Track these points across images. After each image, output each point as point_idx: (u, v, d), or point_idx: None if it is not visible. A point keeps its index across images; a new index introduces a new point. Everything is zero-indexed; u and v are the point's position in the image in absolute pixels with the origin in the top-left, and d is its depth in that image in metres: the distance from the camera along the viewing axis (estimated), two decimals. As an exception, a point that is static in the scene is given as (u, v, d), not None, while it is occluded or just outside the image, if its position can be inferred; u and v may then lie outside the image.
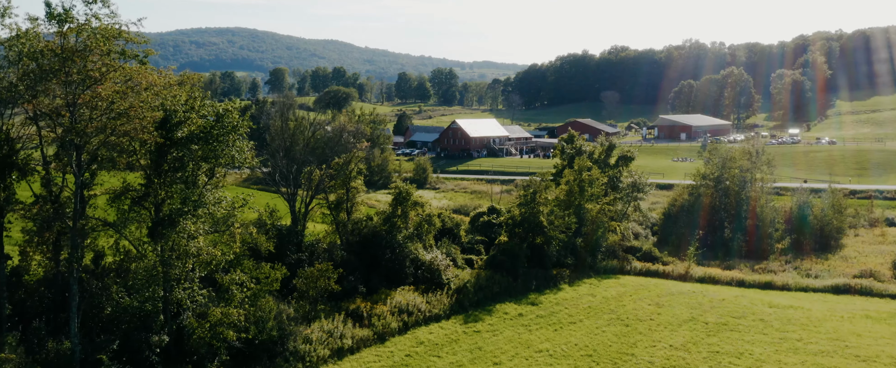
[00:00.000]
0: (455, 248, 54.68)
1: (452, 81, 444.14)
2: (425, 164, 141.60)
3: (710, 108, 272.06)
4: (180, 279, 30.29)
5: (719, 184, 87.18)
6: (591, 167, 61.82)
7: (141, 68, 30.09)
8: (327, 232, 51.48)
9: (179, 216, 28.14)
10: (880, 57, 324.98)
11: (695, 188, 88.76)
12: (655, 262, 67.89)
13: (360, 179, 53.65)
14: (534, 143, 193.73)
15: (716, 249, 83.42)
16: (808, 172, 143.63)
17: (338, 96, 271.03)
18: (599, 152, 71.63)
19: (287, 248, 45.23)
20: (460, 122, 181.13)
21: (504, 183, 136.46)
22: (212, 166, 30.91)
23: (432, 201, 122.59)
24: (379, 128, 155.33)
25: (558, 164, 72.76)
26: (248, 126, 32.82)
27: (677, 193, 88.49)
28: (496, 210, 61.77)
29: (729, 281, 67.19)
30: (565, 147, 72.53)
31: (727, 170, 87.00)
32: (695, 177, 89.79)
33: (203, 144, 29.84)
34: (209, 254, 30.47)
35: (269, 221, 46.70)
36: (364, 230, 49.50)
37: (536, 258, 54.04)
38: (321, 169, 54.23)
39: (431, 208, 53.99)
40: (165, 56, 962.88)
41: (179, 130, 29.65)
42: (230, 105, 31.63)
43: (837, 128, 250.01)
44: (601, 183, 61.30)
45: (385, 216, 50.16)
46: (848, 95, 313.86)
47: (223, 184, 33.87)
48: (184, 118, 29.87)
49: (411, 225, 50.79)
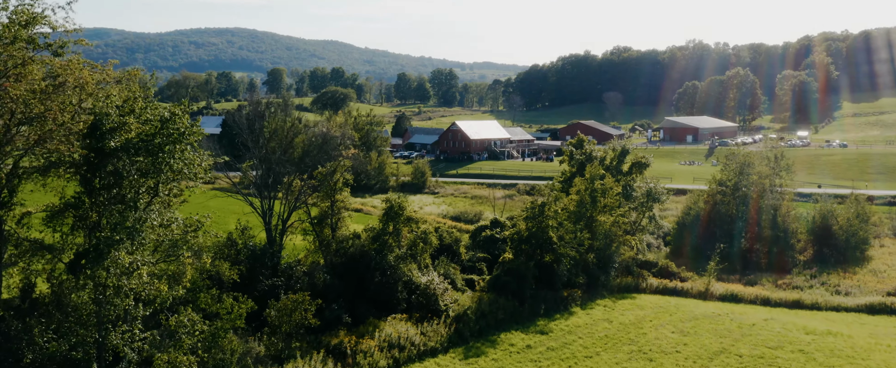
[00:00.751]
0: (454, 268, 48.76)
1: (452, 81, 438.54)
2: (424, 167, 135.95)
3: (714, 109, 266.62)
4: (117, 320, 24.61)
5: (737, 191, 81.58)
6: (603, 175, 56.10)
7: (70, 63, 24.49)
8: (309, 251, 45.60)
9: (109, 247, 22.40)
10: (886, 58, 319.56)
11: (710, 196, 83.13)
12: (672, 278, 62.18)
13: (347, 191, 47.73)
14: (536, 145, 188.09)
15: (733, 261, 77.78)
16: (821, 176, 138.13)
17: (335, 97, 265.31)
18: (611, 158, 65.88)
19: (260, 271, 39.48)
20: (460, 123, 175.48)
21: (505, 187, 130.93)
22: (156, 183, 25.04)
23: (431, 208, 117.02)
24: (376, 130, 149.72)
25: (566, 170, 66.97)
26: (199, 133, 26.97)
27: (691, 200, 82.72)
28: (500, 223, 55.74)
29: (753, 299, 61.56)
30: (574, 152, 66.74)
31: (745, 176, 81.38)
32: (710, 183, 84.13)
33: (145, 155, 24.14)
34: (153, 290, 24.76)
35: (240, 240, 40.87)
36: (350, 249, 43.66)
37: (545, 279, 48.23)
38: (302, 179, 48.34)
39: (428, 224, 47.94)
40: (164, 56, 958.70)
41: (112, 139, 23.85)
42: (177, 108, 25.80)
43: (844, 130, 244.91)
44: (615, 193, 55.59)
45: (374, 234, 44.25)
46: (853, 96, 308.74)
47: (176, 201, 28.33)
48: (118, 124, 24.09)
49: (404, 244, 44.95)
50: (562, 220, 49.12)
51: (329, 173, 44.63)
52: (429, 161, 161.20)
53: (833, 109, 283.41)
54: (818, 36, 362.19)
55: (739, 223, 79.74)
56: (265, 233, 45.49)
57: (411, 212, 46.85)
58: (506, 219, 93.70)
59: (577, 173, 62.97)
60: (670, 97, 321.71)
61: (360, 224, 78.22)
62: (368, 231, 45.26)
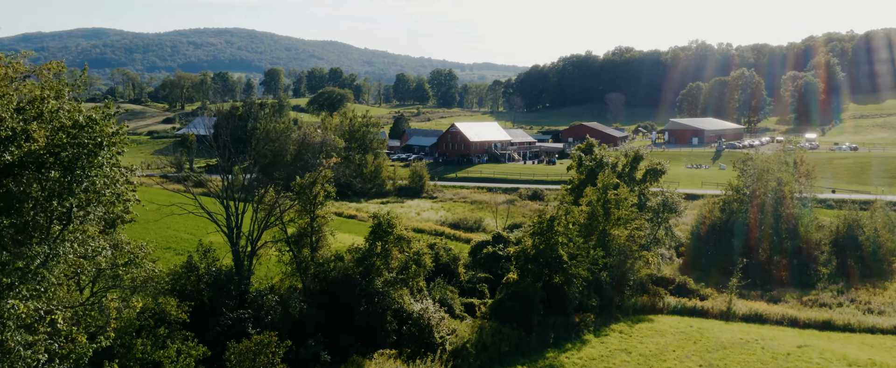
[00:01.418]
0: (452, 291, 43.08)
1: (452, 82, 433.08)
2: (422, 171, 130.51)
3: (717, 110, 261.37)
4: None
5: (754, 199, 76.23)
6: (617, 185, 50.65)
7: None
8: (284, 275, 40.03)
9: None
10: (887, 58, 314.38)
11: (726, 203, 77.73)
12: (691, 296, 56.80)
13: (329, 205, 42.21)
14: (538, 147, 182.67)
15: (752, 274, 72.60)
16: (835, 180, 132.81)
17: (332, 98, 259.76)
18: (624, 164, 60.36)
19: (224, 302, 33.93)
20: (460, 125, 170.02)
21: (507, 192, 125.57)
22: (70, 206, 19.45)
23: (429, 213, 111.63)
24: (372, 131, 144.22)
25: (574, 177, 61.50)
26: (125, 141, 21.41)
27: (706, 209, 77.31)
28: (503, 239, 50.07)
29: (779, 320, 56.21)
30: (583, 158, 61.27)
31: (763, 183, 76.00)
32: (726, 190, 78.73)
33: (58, 171, 18.69)
34: (64, 347, 19.33)
35: (202, 263, 35.24)
36: (332, 272, 38.10)
37: (554, 302, 42.76)
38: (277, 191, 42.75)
39: (421, 243, 42.16)
40: (162, 56, 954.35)
41: (6, 152, 18.25)
42: (98, 110, 20.24)
43: (853, 132, 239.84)
44: (630, 204, 50.14)
45: (360, 255, 38.64)
46: (859, 98, 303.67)
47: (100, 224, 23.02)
48: (15, 132, 18.51)
49: (395, 266, 39.34)
50: (573, 236, 43.68)
51: (309, 184, 39.07)
52: (427, 164, 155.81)
53: (838, 110, 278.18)
54: (822, 36, 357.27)
55: (757, 234, 74.46)
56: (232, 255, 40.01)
57: (404, 227, 41.16)
58: (509, 233, 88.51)
59: (586, 181, 57.53)
60: (672, 98, 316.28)
61: (351, 235, 72.81)
62: (353, 252, 39.62)
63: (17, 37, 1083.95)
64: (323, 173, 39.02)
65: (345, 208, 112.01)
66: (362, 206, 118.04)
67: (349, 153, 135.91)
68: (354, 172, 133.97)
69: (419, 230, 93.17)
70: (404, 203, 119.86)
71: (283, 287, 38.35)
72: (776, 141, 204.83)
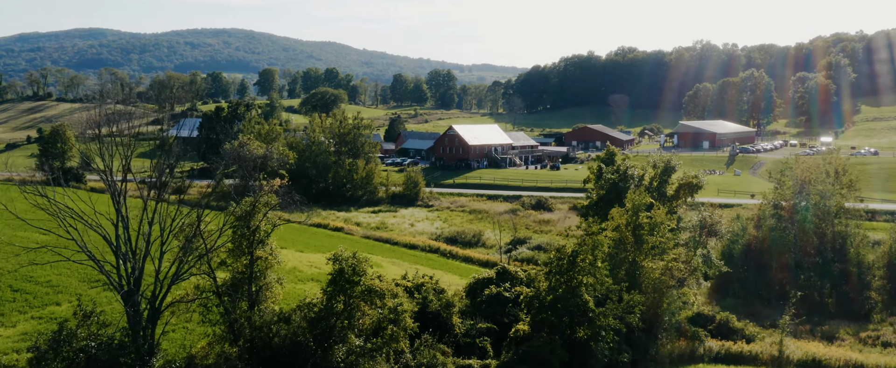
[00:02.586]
0: (445, 353, 32.45)
1: (450, 83, 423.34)
2: (417, 177, 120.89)
3: (725, 113, 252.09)
4: None
5: (795, 214, 66.45)
6: (651, 205, 40.93)
7: None
8: (212, 340, 29.70)
9: None
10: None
11: (761, 219, 67.94)
12: (736, 338, 47.13)
13: (273, 244, 31.53)
14: (540, 151, 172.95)
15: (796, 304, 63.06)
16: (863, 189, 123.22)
17: (325, 98, 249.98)
18: (651, 177, 50.56)
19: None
20: (458, 128, 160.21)
21: (508, 200, 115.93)
22: None
23: (423, 224, 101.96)
24: (364, 134, 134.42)
25: (592, 191, 51.74)
26: None
27: (738, 226, 67.45)
28: (509, 275, 39.61)
29: (842, 367, 46.63)
30: (603, 170, 51.46)
31: (805, 196, 66.23)
32: (761, 205, 68.98)
33: None
34: None
35: (82, 332, 24.97)
36: (275, 339, 28.14)
37: (578, 364, 32.93)
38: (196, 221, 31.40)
39: (399, 298, 31.36)
40: (159, 57, 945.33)
41: None
42: None
43: (866, 136, 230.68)
44: (668, 228, 40.37)
45: (315, 315, 28.42)
46: (870, 99, 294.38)
47: None
48: None
49: (365, 326, 29.26)
50: (601, 275, 33.90)
51: (246, 213, 29.11)
52: (423, 169, 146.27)
53: (853, 112, 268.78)
54: (830, 37, 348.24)
55: (798, 254, 64.72)
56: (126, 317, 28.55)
57: (375, 275, 30.39)
58: (514, 249, 78.75)
59: (607, 198, 47.85)
60: (675, 100, 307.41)
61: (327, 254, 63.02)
62: (305, 308, 29.38)
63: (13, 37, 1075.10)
64: (264, 198, 29.08)
65: (331, 219, 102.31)
66: (351, 215, 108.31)
67: (339, 157, 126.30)
68: (344, 177, 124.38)
69: (412, 245, 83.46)
70: (397, 212, 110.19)
71: (209, 359, 28.16)
72: (790, 145, 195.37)
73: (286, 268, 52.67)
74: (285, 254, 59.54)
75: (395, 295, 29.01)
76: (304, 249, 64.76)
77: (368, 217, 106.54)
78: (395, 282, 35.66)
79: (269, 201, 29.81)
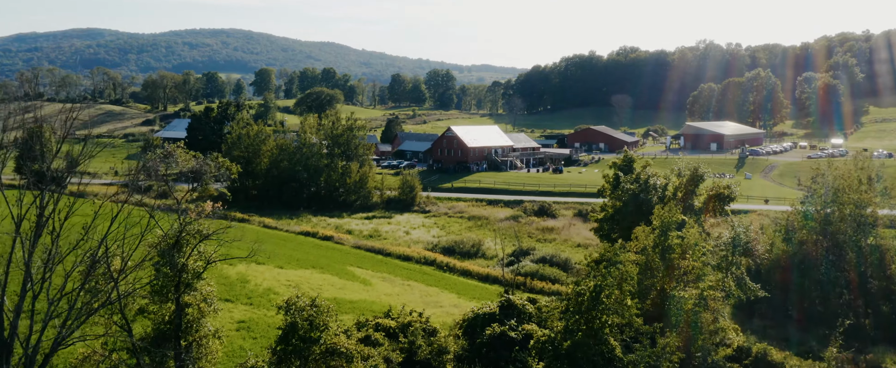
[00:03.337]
0: None
1: (449, 83, 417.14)
2: (413, 181, 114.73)
3: (731, 113, 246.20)
4: None
5: (827, 226, 60.09)
6: (683, 223, 34.68)
7: None
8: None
9: None
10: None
11: (788, 232, 61.55)
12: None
13: (206, 284, 24.40)
14: (542, 154, 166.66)
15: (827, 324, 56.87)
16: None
17: (321, 98, 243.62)
18: (675, 187, 44.21)
19: None
20: (456, 129, 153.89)
21: (509, 205, 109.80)
22: None
23: (419, 232, 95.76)
24: (358, 135, 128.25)
25: (608, 206, 45.40)
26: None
27: (763, 240, 61.07)
28: (515, 310, 32.37)
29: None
30: (621, 179, 45.14)
31: (839, 205, 59.87)
32: (790, 214, 62.59)
33: None
34: None
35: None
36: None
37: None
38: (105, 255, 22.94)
39: (375, 359, 24.50)
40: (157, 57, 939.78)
41: None
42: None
43: (876, 137, 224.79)
44: (701, 251, 34.07)
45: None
46: (878, 100, 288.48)
47: None
48: None
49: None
50: (629, 314, 27.56)
51: (168, 249, 22.22)
52: (420, 172, 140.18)
53: (861, 113, 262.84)
54: (836, 36, 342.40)
55: (833, 271, 58.37)
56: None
57: (337, 330, 22.98)
58: (517, 262, 72.33)
59: (626, 211, 41.55)
60: (676, 100, 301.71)
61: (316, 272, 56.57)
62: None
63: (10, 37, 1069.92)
64: (189, 224, 22.60)
65: (321, 227, 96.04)
66: (344, 222, 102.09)
67: (332, 160, 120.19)
68: (337, 181, 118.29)
69: (406, 257, 77.12)
70: (392, 219, 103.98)
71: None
72: (799, 147, 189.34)
73: (259, 291, 46.41)
74: (262, 272, 53.26)
75: (366, 357, 22.64)
76: (285, 264, 58.42)
77: (361, 224, 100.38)
78: (376, 320, 29.43)
79: (200, 228, 23.29)
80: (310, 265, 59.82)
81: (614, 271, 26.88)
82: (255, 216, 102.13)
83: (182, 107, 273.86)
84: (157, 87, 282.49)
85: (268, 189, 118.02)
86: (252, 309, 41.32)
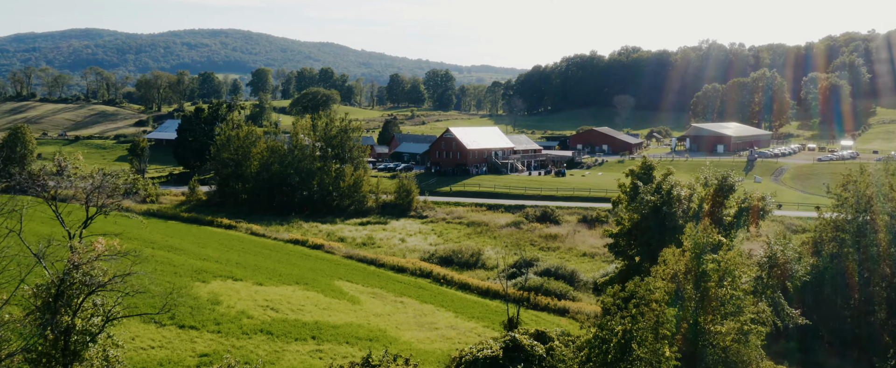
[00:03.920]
0: None
1: (448, 83, 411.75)
2: (410, 184, 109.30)
3: (736, 114, 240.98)
4: None
5: (861, 238, 54.92)
6: (720, 245, 29.36)
7: None
8: None
9: None
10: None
11: (816, 244, 56.41)
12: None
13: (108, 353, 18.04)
14: (544, 156, 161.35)
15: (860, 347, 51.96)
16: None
17: (317, 99, 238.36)
18: (701, 199, 38.89)
19: None
20: (455, 131, 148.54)
21: (510, 210, 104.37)
22: None
23: (416, 239, 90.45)
24: (353, 136, 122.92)
25: (624, 218, 40.10)
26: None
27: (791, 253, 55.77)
28: (523, 352, 26.67)
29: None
30: (640, 189, 39.83)
31: (875, 213, 54.70)
32: (817, 228, 57.39)
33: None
34: None
35: None
36: None
37: None
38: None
39: None
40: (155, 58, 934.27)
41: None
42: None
43: (885, 139, 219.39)
44: (742, 279, 28.64)
45: None
46: (885, 101, 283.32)
47: None
48: None
49: None
50: (667, 361, 22.28)
51: (43, 304, 16.04)
52: (417, 175, 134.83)
53: (868, 114, 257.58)
54: (842, 36, 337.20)
55: (867, 290, 53.23)
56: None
57: None
58: (520, 273, 67.07)
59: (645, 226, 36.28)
60: (678, 101, 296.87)
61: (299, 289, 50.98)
62: None
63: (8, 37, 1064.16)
64: (75, 268, 16.91)
65: (311, 234, 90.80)
66: (336, 229, 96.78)
67: (325, 163, 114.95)
68: (330, 185, 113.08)
69: (400, 268, 71.83)
70: (387, 225, 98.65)
71: None
72: (808, 148, 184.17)
73: (231, 315, 41.13)
74: (238, 290, 47.95)
75: None
76: (266, 280, 53.09)
77: (355, 231, 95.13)
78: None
79: (94, 278, 17.51)
80: (293, 281, 54.49)
81: (648, 311, 21.71)
82: (242, 223, 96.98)
83: (176, 107, 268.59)
84: (151, 87, 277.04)
85: (258, 193, 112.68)
86: (219, 338, 36.07)
